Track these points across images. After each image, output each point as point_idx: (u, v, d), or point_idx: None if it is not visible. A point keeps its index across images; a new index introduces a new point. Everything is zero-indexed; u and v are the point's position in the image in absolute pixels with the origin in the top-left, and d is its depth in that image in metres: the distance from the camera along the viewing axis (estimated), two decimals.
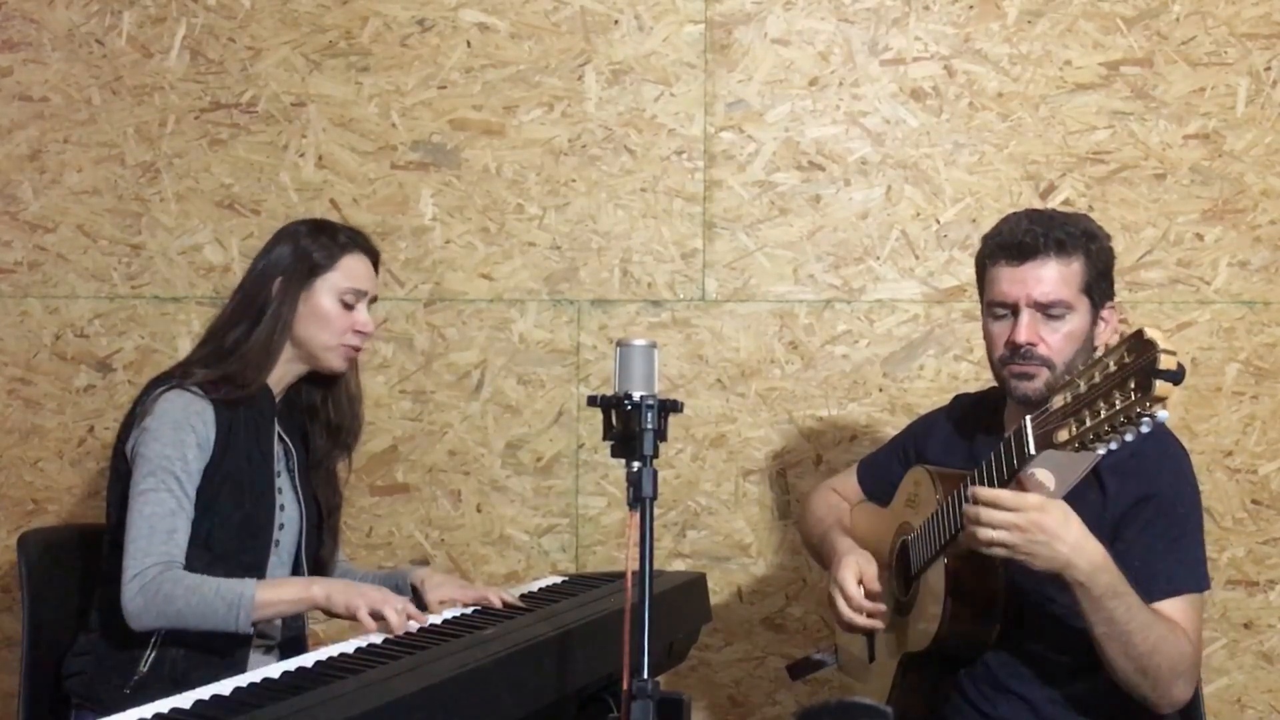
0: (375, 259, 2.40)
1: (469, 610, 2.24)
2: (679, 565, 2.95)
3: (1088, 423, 1.66)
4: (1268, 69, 2.90)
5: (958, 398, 2.42)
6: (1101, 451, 1.70)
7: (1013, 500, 1.82)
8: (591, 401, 1.69)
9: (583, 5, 2.99)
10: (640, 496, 1.59)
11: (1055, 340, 2.04)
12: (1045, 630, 2.03)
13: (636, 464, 1.61)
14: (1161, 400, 1.56)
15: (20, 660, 2.31)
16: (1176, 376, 1.55)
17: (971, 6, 2.93)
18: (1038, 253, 2.03)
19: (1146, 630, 1.88)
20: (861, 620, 2.16)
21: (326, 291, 2.30)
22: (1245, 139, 2.90)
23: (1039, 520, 1.82)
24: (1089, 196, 2.90)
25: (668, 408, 1.65)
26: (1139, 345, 1.58)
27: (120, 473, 2.24)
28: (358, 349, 2.36)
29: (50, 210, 3.07)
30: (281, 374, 2.33)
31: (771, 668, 2.97)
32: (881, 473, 2.42)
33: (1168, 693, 1.94)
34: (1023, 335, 2.03)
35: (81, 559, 2.39)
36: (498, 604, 2.24)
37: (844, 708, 1.64)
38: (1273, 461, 2.89)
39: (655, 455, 1.61)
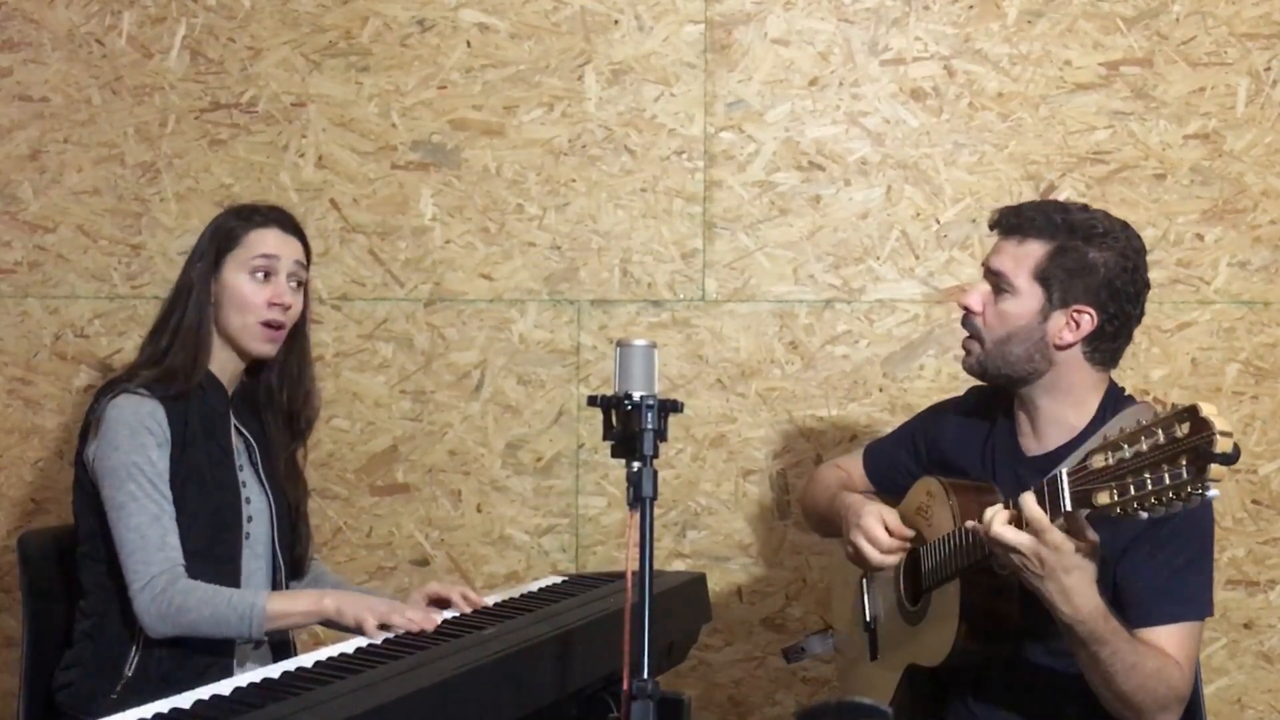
0: (297, 234, 2.34)
1: (469, 611, 2.24)
2: (679, 565, 2.95)
3: (1132, 492, 1.64)
4: (1268, 69, 2.90)
5: (971, 389, 2.37)
6: (1144, 516, 1.67)
7: (1039, 524, 1.79)
8: (591, 401, 1.69)
9: (583, 5, 2.99)
10: (640, 496, 1.59)
11: (989, 313, 2.07)
12: (1054, 648, 2.02)
13: (636, 464, 1.61)
14: (1215, 481, 1.54)
15: (20, 660, 2.31)
16: (1232, 459, 1.52)
17: (971, 6, 2.93)
18: (1005, 230, 2.09)
19: (1130, 672, 1.88)
20: (891, 560, 2.16)
21: (236, 268, 2.27)
22: (1245, 139, 2.90)
23: (1043, 555, 1.80)
24: (1089, 196, 2.90)
25: (668, 408, 1.65)
26: (1195, 423, 1.55)
27: (82, 483, 2.23)
28: (280, 325, 2.29)
29: (50, 210, 3.07)
30: (222, 365, 2.30)
31: (771, 668, 2.97)
32: (888, 459, 2.38)
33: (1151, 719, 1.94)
34: (967, 297, 2.10)
35: (75, 562, 2.38)
36: (465, 608, 2.21)
37: (844, 708, 1.64)
38: (1273, 461, 2.89)
39: (655, 455, 1.61)
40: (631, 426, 1.63)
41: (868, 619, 2.29)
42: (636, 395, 1.64)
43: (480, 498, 3.01)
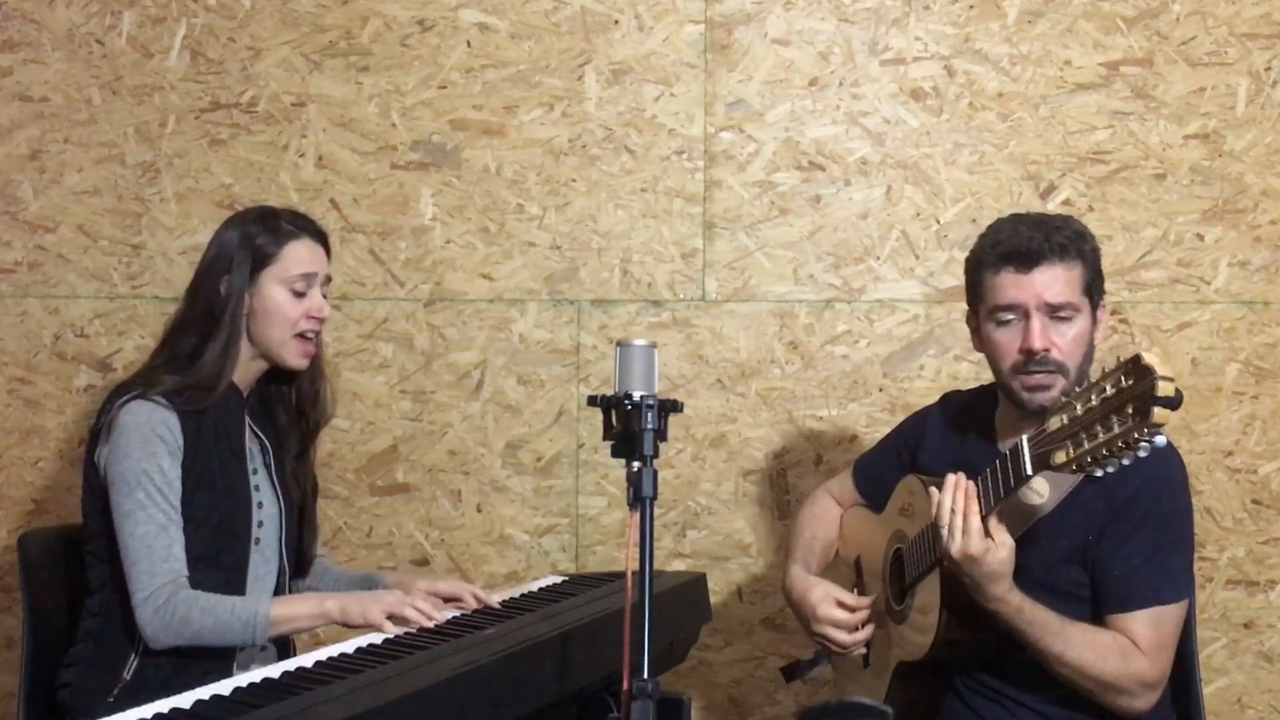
0: (323, 240, 2.35)
1: (469, 610, 2.24)
2: (679, 565, 2.95)
3: (1085, 446, 1.68)
4: (1268, 69, 2.89)
5: (948, 397, 2.42)
6: (1099, 474, 1.73)
7: (959, 530, 1.93)
8: (591, 401, 1.70)
9: (583, 5, 2.98)
10: (640, 496, 1.59)
11: (1066, 344, 2.05)
12: None
13: (636, 464, 1.61)
14: (1159, 426, 1.58)
15: (20, 660, 2.31)
16: (1174, 402, 1.56)
17: (971, 6, 2.93)
18: (1043, 258, 2.04)
19: (1063, 656, 1.96)
20: (862, 635, 2.25)
21: (274, 283, 2.26)
22: (1245, 139, 2.89)
23: (964, 565, 1.93)
24: (1089, 196, 2.90)
25: (668, 408, 1.65)
26: (1137, 370, 1.59)
27: (91, 483, 2.23)
28: (315, 334, 2.31)
29: (50, 210, 3.07)
30: (245, 371, 2.30)
31: (771, 668, 2.97)
32: (876, 473, 2.43)
33: (1114, 704, 2.00)
34: (1038, 341, 2.03)
35: (81, 560, 2.38)
36: (472, 604, 2.22)
37: (844, 708, 1.64)
38: (1273, 461, 2.89)
39: (655, 455, 1.62)
40: (631, 426, 1.63)
41: None
42: (636, 395, 1.64)
43: (480, 498, 3.01)
